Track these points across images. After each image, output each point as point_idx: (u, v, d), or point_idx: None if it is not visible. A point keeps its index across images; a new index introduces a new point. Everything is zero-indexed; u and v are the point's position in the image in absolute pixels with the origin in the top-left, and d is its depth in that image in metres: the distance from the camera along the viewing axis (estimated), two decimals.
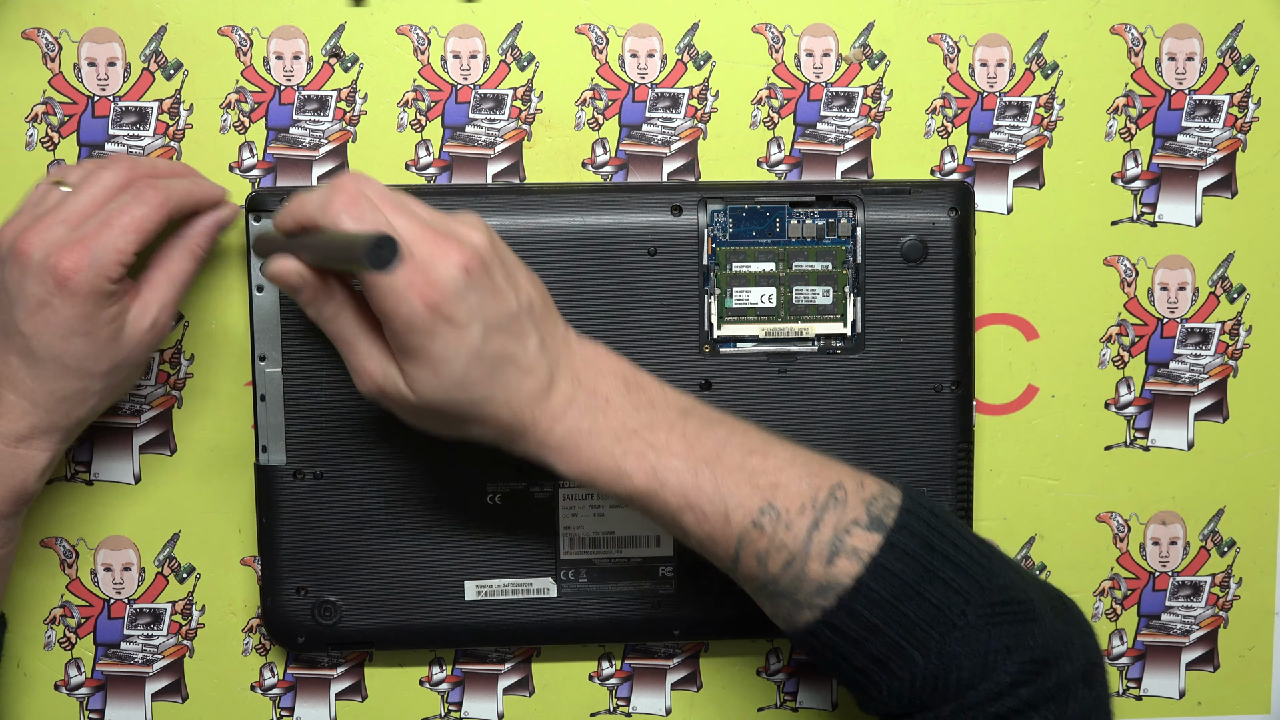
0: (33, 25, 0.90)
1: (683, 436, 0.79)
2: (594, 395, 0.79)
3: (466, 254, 0.75)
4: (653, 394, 0.81)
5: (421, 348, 0.75)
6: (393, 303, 0.74)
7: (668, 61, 0.93)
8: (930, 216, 0.92)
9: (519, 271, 0.79)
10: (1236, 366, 0.97)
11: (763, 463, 0.79)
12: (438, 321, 0.74)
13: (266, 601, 0.93)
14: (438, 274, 0.74)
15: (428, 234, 0.75)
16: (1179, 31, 0.94)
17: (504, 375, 0.77)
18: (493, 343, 0.76)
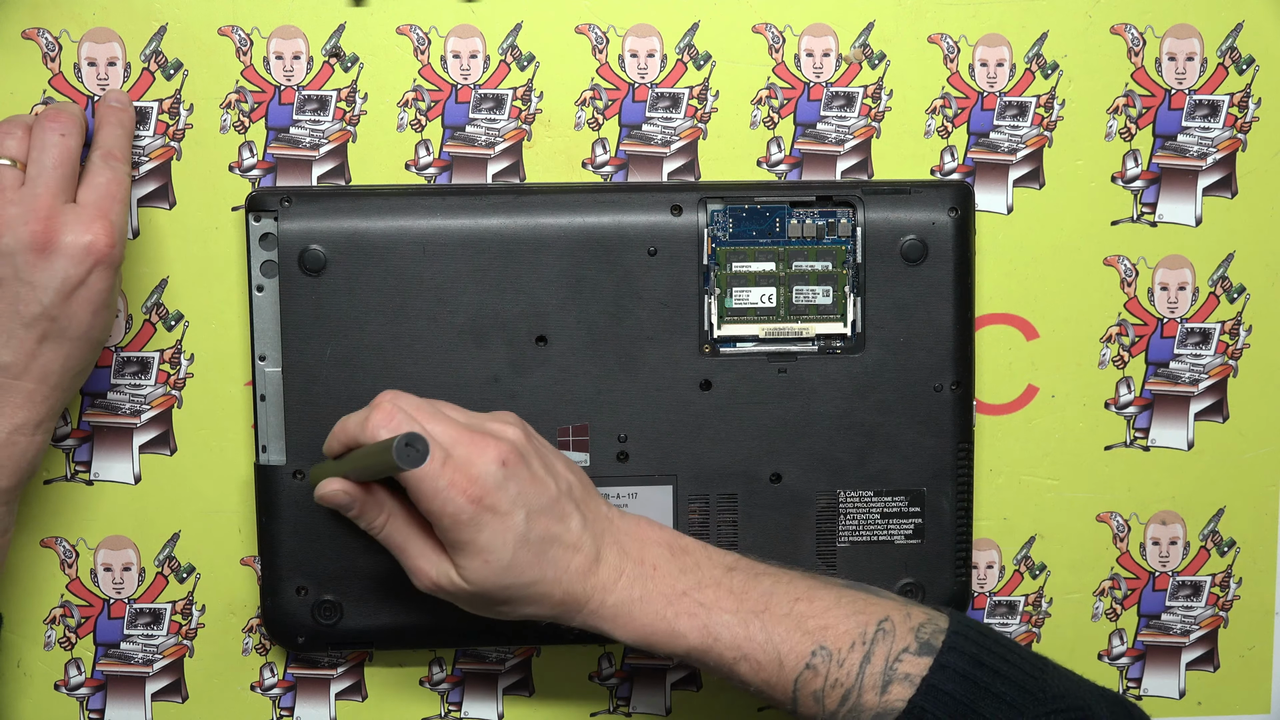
0: (33, 25, 0.90)
1: (730, 592, 0.84)
2: (641, 564, 0.84)
3: (503, 448, 0.81)
4: (697, 556, 0.85)
5: (470, 540, 0.80)
6: (439, 502, 0.79)
7: (668, 61, 0.93)
8: (930, 216, 0.92)
9: (556, 459, 0.84)
10: (1236, 366, 0.97)
11: (809, 607, 0.83)
12: (482, 513, 0.80)
13: (266, 601, 0.93)
14: (477, 470, 0.80)
15: (464, 435, 0.81)
16: (1179, 31, 0.94)
17: (552, 555, 0.82)
18: (537, 526, 0.81)
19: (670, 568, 0.84)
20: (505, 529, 0.80)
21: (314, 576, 0.92)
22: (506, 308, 0.90)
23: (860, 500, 0.93)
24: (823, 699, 0.82)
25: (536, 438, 0.85)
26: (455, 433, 0.81)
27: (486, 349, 0.91)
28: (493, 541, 0.80)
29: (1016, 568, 0.98)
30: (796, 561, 0.93)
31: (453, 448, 0.80)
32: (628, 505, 0.93)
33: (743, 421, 0.92)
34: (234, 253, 0.92)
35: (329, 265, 0.90)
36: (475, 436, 0.81)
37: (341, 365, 0.90)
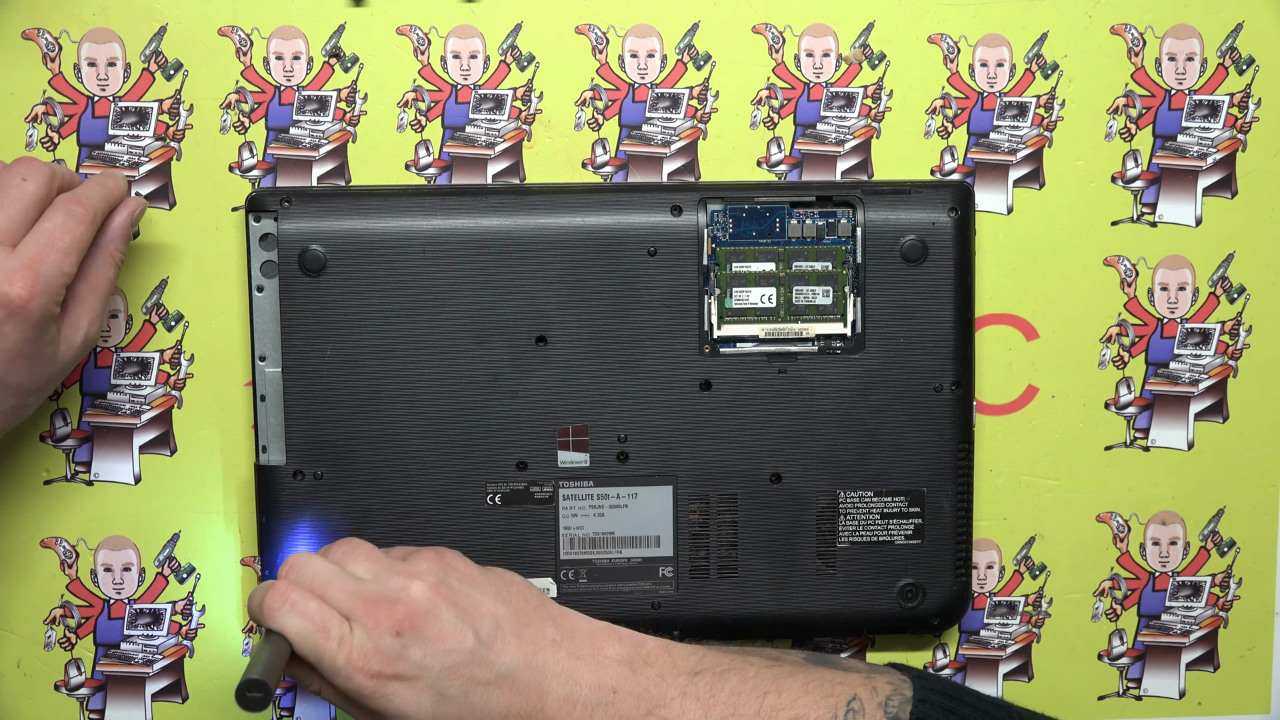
0: (33, 25, 0.90)
1: (697, 700, 0.82)
2: (598, 689, 0.82)
3: (398, 613, 0.79)
4: (660, 666, 0.84)
5: (383, 708, 0.79)
6: (341, 680, 0.79)
7: (668, 61, 0.93)
8: (930, 216, 0.92)
9: (482, 595, 0.82)
10: (1236, 366, 0.97)
11: (778, 700, 0.83)
12: (385, 684, 0.79)
13: None
14: (371, 644, 0.79)
15: (361, 602, 0.80)
16: (1179, 31, 0.94)
17: (481, 703, 0.80)
18: (453, 682, 0.80)
19: (630, 688, 0.83)
20: (416, 692, 0.79)
21: None
22: (507, 308, 0.90)
23: (860, 500, 0.93)
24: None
25: (457, 576, 0.82)
26: (353, 602, 0.80)
27: (487, 349, 0.91)
28: (406, 707, 0.79)
29: (1016, 568, 0.98)
30: (796, 562, 0.93)
31: (353, 620, 0.79)
32: (628, 505, 0.93)
33: (743, 421, 0.92)
34: (234, 253, 0.92)
35: (329, 265, 0.90)
36: (371, 604, 0.80)
37: (341, 365, 0.90)
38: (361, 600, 0.80)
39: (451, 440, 0.91)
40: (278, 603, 0.80)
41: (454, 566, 0.83)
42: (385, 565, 0.82)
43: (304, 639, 0.79)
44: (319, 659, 0.79)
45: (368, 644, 0.79)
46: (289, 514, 0.91)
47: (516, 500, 0.92)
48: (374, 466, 0.91)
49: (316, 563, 0.82)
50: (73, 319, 0.84)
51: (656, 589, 0.94)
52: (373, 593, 0.81)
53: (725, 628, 0.95)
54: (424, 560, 0.83)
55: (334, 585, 0.81)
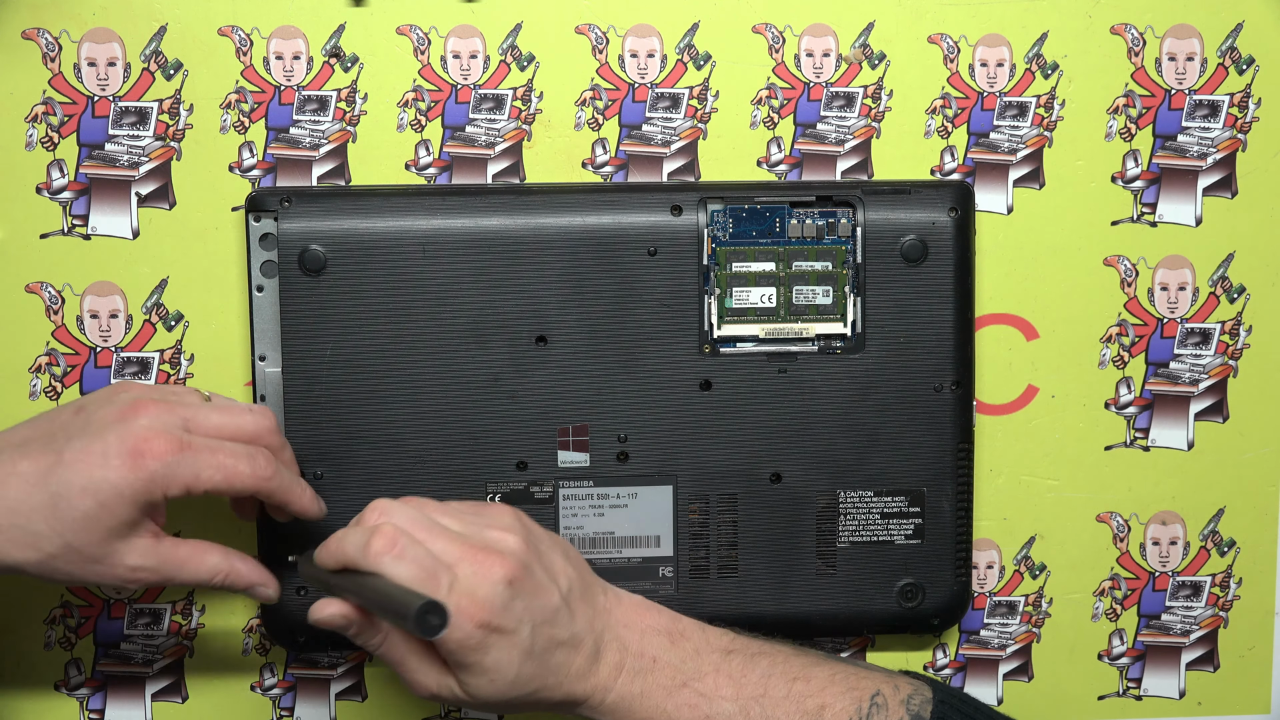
0: (33, 25, 0.90)
1: (729, 678, 0.84)
2: (641, 657, 0.83)
3: (509, 565, 0.79)
4: (696, 641, 0.85)
5: (475, 662, 0.78)
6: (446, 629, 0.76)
7: (668, 61, 0.93)
8: (930, 216, 0.92)
9: (555, 555, 0.82)
10: (1236, 366, 0.97)
11: (806, 687, 0.84)
12: (488, 635, 0.78)
13: None
14: (484, 593, 0.77)
15: (467, 552, 0.78)
16: (1179, 31, 0.94)
17: (554, 662, 0.81)
18: (541, 637, 0.80)
19: (669, 658, 0.84)
20: (511, 647, 0.79)
21: None
22: (507, 308, 0.90)
23: (860, 500, 0.93)
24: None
25: (534, 533, 0.82)
26: (458, 550, 0.78)
27: (487, 349, 0.91)
28: (499, 661, 0.78)
29: (1016, 568, 0.98)
30: (796, 562, 0.93)
31: (457, 567, 0.78)
32: (628, 505, 0.93)
33: (743, 421, 0.92)
34: (234, 253, 0.92)
35: (329, 265, 0.90)
36: (479, 554, 0.78)
37: (341, 365, 0.90)
38: (467, 549, 0.78)
39: (451, 440, 0.91)
40: (386, 547, 0.77)
41: (528, 523, 0.82)
42: (468, 518, 0.81)
43: (415, 585, 0.77)
44: None
45: (479, 592, 0.77)
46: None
47: (516, 500, 0.92)
48: (374, 466, 0.91)
49: (409, 509, 0.80)
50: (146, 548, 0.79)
51: (656, 589, 0.94)
52: (475, 542, 0.79)
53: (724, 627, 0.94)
54: (505, 514, 0.82)
55: (435, 533, 0.79)
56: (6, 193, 0.91)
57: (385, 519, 0.79)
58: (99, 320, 0.92)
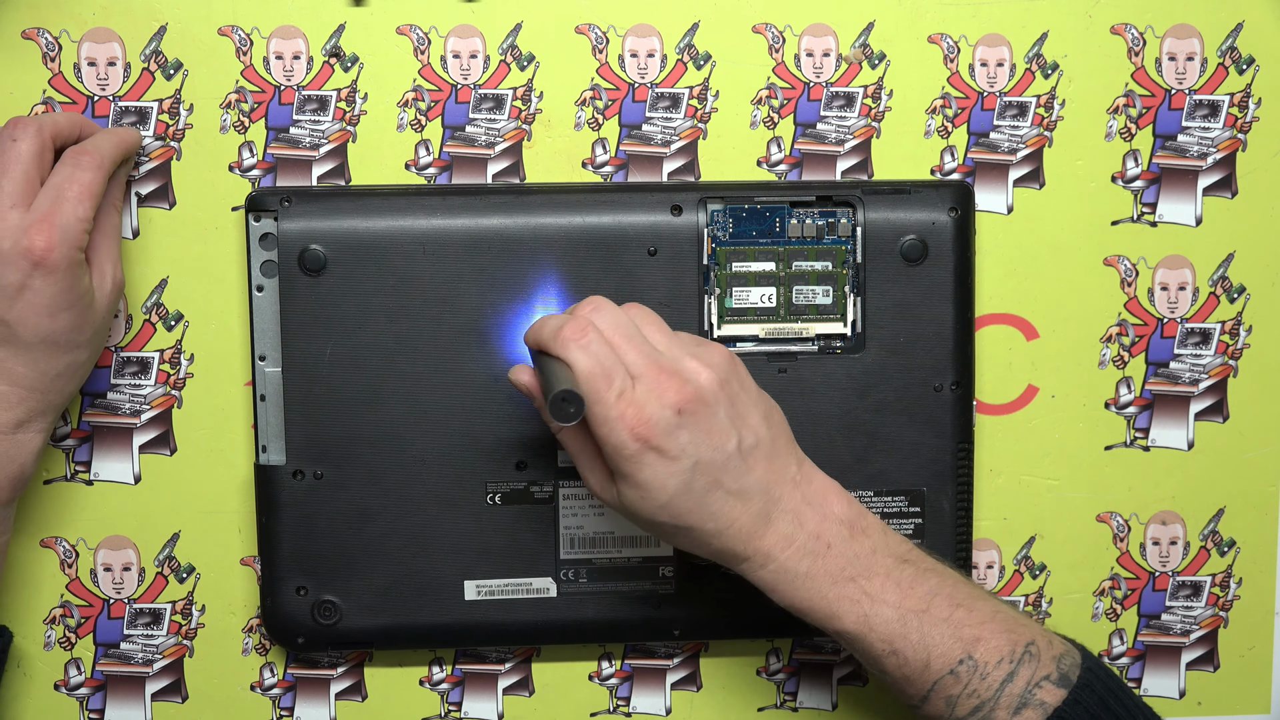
0: (33, 25, 0.90)
1: (897, 585, 0.83)
2: (816, 539, 0.83)
3: (687, 393, 0.79)
4: (875, 540, 0.84)
5: (630, 474, 0.79)
6: (605, 430, 0.79)
7: (668, 61, 0.93)
8: (930, 216, 0.92)
9: (752, 410, 0.82)
10: (1236, 366, 0.97)
11: (968, 616, 0.83)
12: (646, 451, 0.78)
13: (266, 601, 0.93)
14: (650, 411, 0.78)
15: (653, 369, 0.79)
16: (1179, 31, 0.94)
17: (714, 507, 0.81)
18: (703, 476, 0.80)
19: (844, 550, 0.83)
20: (668, 473, 0.79)
21: (314, 576, 0.92)
22: (507, 308, 0.90)
23: (860, 500, 0.93)
24: (954, 704, 0.82)
25: (739, 380, 0.82)
26: (646, 365, 0.79)
27: (487, 349, 0.91)
28: (652, 481, 0.79)
29: (1016, 568, 0.98)
30: None
31: (638, 380, 0.79)
32: None
33: None
34: (234, 253, 0.92)
35: (329, 265, 0.90)
36: (663, 373, 0.79)
37: (341, 365, 0.90)
38: (654, 366, 0.80)
39: (451, 440, 0.91)
40: (575, 335, 0.79)
41: (739, 371, 0.83)
42: (679, 343, 0.82)
43: (588, 378, 0.78)
44: (594, 402, 0.78)
45: (648, 408, 0.78)
46: (289, 514, 0.91)
47: (516, 500, 0.92)
48: (374, 466, 0.91)
49: (619, 315, 0.81)
50: (97, 266, 0.86)
51: (656, 589, 0.94)
52: (667, 364, 0.80)
53: (725, 628, 0.95)
54: (716, 353, 0.82)
55: (631, 343, 0.80)
56: None
57: (592, 313, 0.81)
58: None
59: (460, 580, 0.93)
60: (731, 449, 0.81)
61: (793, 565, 0.82)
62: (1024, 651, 0.82)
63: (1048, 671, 0.82)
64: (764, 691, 0.98)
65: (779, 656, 0.98)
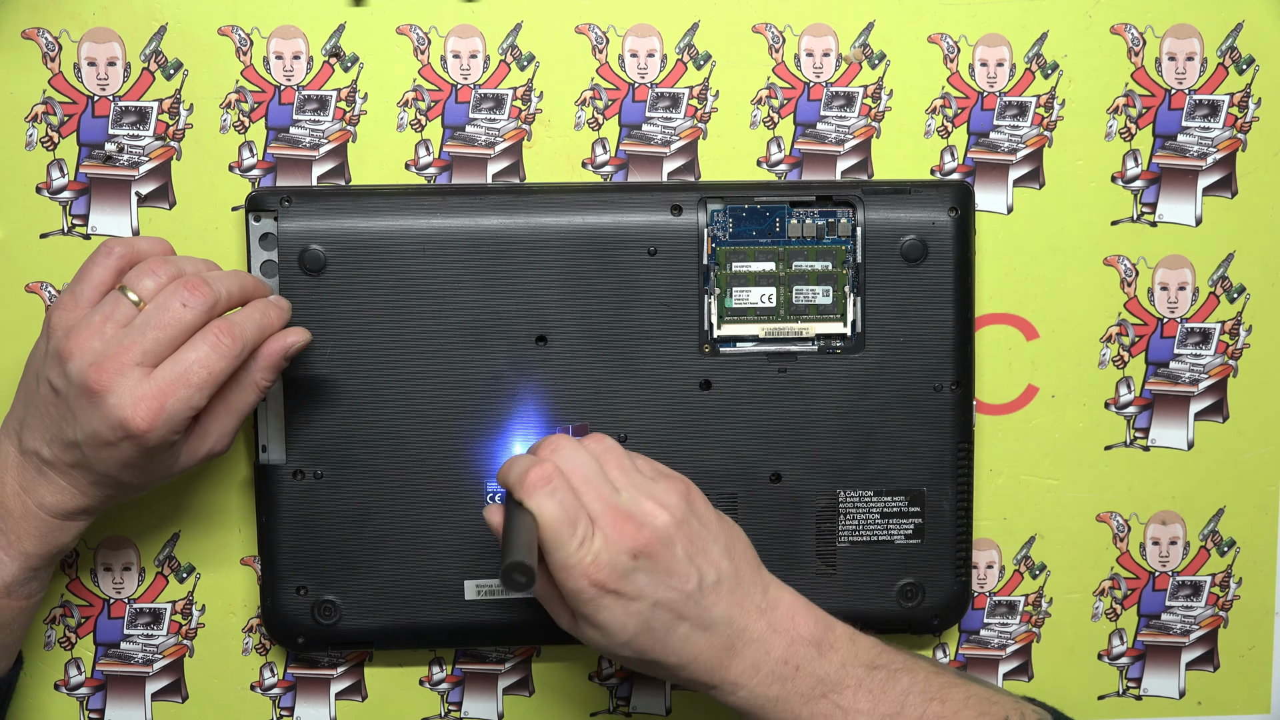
0: (33, 25, 0.90)
1: (869, 693, 0.83)
2: (784, 665, 0.83)
3: (642, 537, 0.80)
4: (844, 653, 0.84)
5: (589, 615, 0.80)
6: (563, 576, 0.79)
7: (668, 61, 0.93)
8: (930, 216, 0.92)
9: (712, 544, 0.83)
10: (1236, 366, 0.97)
11: (942, 709, 0.84)
12: (603, 595, 0.79)
13: (266, 601, 0.93)
14: (607, 557, 0.79)
15: (610, 513, 0.80)
16: (1179, 31, 0.94)
17: (676, 643, 0.81)
18: (663, 614, 0.81)
19: (813, 668, 0.83)
20: (626, 613, 0.80)
21: (314, 576, 0.92)
22: (506, 308, 0.90)
23: (860, 500, 0.93)
24: None
25: (697, 518, 0.83)
26: (604, 510, 0.80)
27: (486, 349, 0.91)
28: (611, 622, 0.80)
29: (1016, 568, 0.98)
30: (797, 562, 0.93)
31: (597, 524, 0.80)
32: None
33: (742, 421, 0.92)
34: (234, 253, 0.92)
35: (329, 265, 0.90)
36: (620, 519, 0.80)
37: (341, 365, 0.90)
38: (612, 511, 0.80)
39: (451, 440, 0.91)
40: (541, 482, 0.79)
41: (696, 507, 0.83)
42: (637, 482, 0.82)
43: (551, 526, 0.79)
44: (555, 549, 0.79)
45: (604, 555, 0.79)
46: (289, 514, 0.91)
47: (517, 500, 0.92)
48: (374, 466, 0.91)
49: (581, 455, 0.82)
50: (200, 435, 0.84)
51: None
52: (624, 508, 0.81)
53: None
54: (673, 492, 0.83)
55: (591, 486, 0.81)
56: (6, 193, 0.91)
57: (555, 456, 0.81)
58: None
59: (460, 580, 0.93)
60: (692, 587, 0.81)
61: (762, 691, 0.83)
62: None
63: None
64: None
65: None
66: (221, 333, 0.81)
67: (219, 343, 0.81)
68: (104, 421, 0.80)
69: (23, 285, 0.92)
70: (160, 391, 0.80)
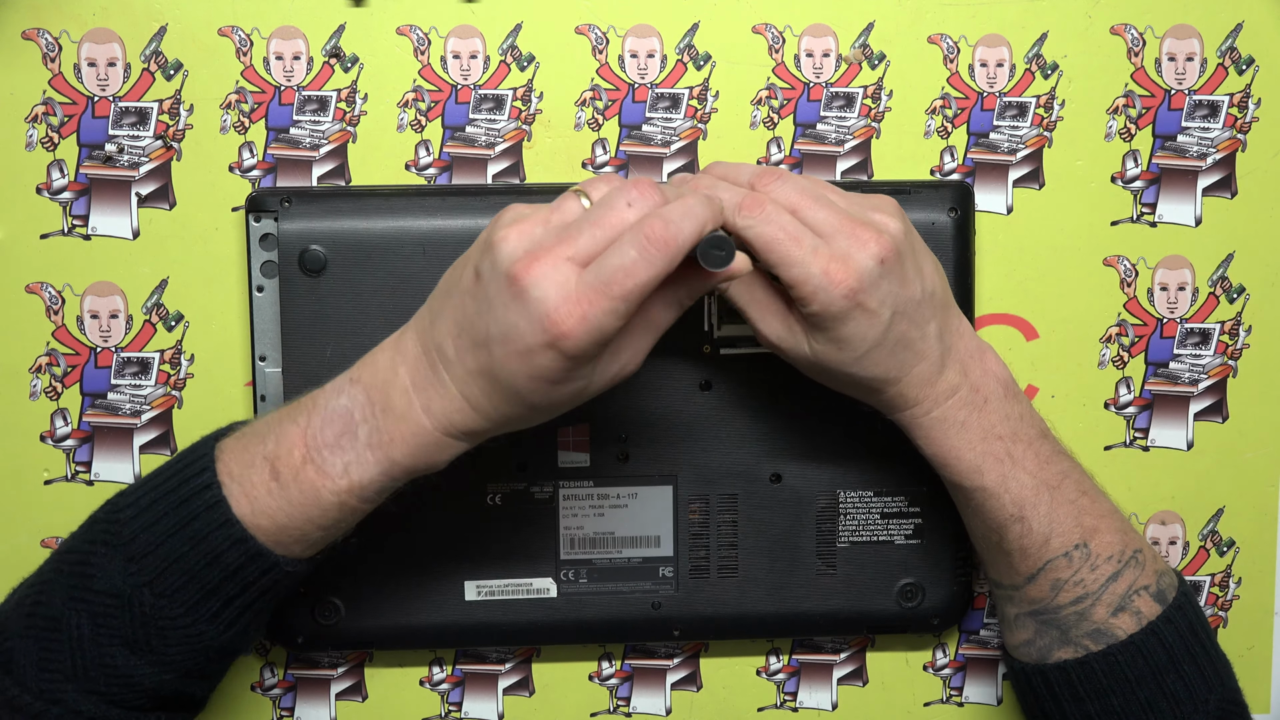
0: (33, 25, 0.90)
1: (1037, 455, 0.84)
2: (976, 392, 0.84)
3: (884, 244, 0.79)
4: (1023, 408, 0.85)
5: (832, 329, 0.80)
6: (810, 290, 0.78)
7: (668, 61, 0.93)
8: (930, 216, 0.92)
9: (925, 259, 0.83)
10: (1236, 366, 0.97)
11: (1091, 504, 0.85)
12: (852, 308, 0.79)
13: None
14: (856, 264, 0.79)
15: (846, 224, 0.79)
16: (1179, 31, 0.94)
17: (900, 357, 0.82)
18: (897, 328, 0.81)
19: (999, 407, 0.84)
20: (869, 327, 0.80)
21: (314, 576, 0.92)
22: None
23: (860, 500, 0.93)
24: (1059, 589, 0.84)
25: (913, 231, 0.83)
26: (837, 220, 0.79)
27: None
28: (853, 336, 0.80)
29: None
30: (796, 562, 0.93)
31: (833, 236, 0.79)
32: (628, 505, 0.93)
33: (743, 421, 0.92)
34: (234, 253, 0.92)
35: (329, 265, 0.90)
36: (857, 226, 0.79)
37: (341, 365, 0.90)
38: (847, 221, 0.80)
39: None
40: (752, 209, 0.79)
41: (907, 219, 0.83)
42: (854, 198, 0.82)
43: (776, 245, 0.78)
44: (790, 264, 0.78)
45: (852, 262, 0.79)
46: None
47: (516, 500, 0.92)
48: None
49: (802, 180, 0.81)
50: (613, 351, 0.77)
51: (656, 589, 0.94)
52: (857, 217, 0.80)
53: (725, 627, 0.95)
54: (889, 203, 0.82)
55: (820, 201, 0.80)
56: (6, 193, 0.91)
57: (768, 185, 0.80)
58: (99, 320, 0.92)
59: (460, 580, 0.93)
60: (918, 299, 0.81)
61: (953, 414, 0.83)
62: (1132, 556, 0.84)
63: (1148, 583, 0.84)
64: (764, 691, 0.98)
65: (779, 656, 0.98)
66: (654, 240, 0.72)
67: (648, 252, 0.72)
68: (524, 317, 0.72)
69: (23, 285, 0.92)
70: (587, 295, 0.72)
